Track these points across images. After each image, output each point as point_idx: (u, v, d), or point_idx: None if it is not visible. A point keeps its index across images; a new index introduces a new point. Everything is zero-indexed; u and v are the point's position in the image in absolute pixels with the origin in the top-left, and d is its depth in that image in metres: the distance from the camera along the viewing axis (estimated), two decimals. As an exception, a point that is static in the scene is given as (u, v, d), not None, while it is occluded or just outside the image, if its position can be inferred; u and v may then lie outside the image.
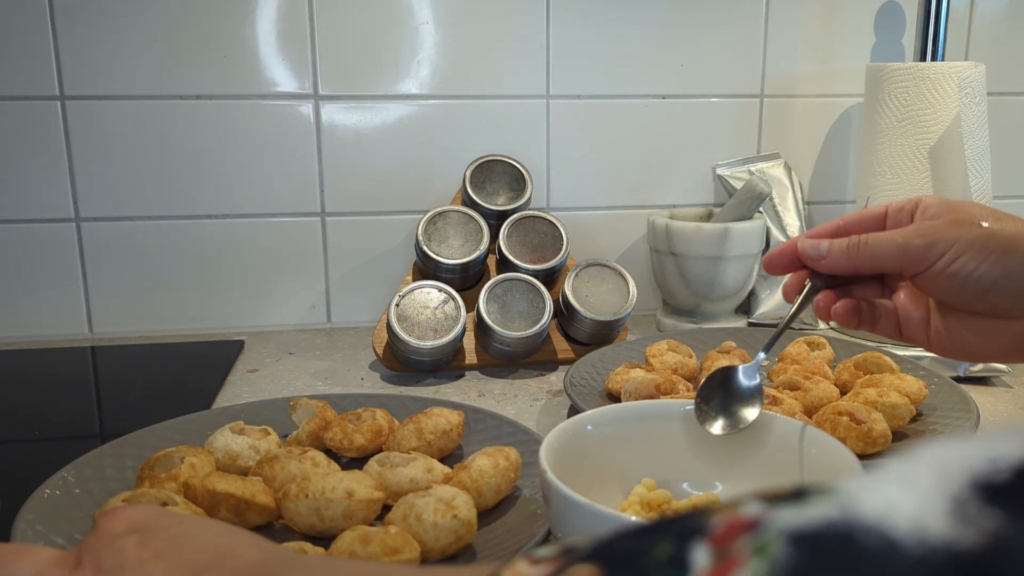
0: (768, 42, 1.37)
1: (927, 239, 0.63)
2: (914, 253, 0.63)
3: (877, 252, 0.65)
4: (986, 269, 0.62)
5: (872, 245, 0.65)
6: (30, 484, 0.72)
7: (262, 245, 1.31)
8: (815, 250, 0.68)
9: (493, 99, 1.32)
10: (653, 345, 1.06)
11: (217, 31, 1.24)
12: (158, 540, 0.47)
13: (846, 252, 0.66)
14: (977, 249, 0.62)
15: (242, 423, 0.83)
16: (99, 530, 0.49)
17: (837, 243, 0.67)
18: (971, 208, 0.65)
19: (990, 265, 0.62)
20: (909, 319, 0.70)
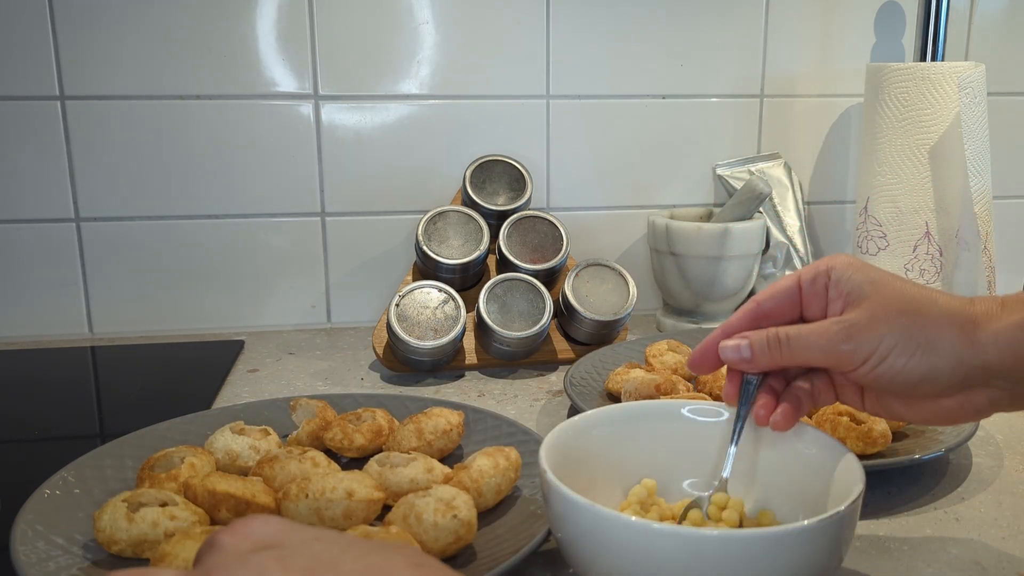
0: (768, 42, 1.37)
1: (851, 343, 0.62)
2: (839, 356, 0.63)
3: (801, 354, 0.64)
4: (913, 364, 0.61)
5: (795, 347, 0.64)
6: (30, 484, 0.72)
7: (262, 245, 1.31)
8: (737, 354, 0.66)
9: (493, 99, 1.32)
10: (653, 345, 1.06)
11: (217, 31, 1.24)
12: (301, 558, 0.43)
13: (768, 354, 0.65)
14: (902, 348, 0.61)
15: (242, 423, 0.83)
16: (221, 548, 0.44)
17: (758, 343, 0.65)
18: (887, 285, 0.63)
19: (916, 362, 0.61)
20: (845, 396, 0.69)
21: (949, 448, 0.80)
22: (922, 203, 1.24)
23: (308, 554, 0.43)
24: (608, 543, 0.55)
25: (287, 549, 0.44)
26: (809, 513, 0.65)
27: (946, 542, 0.72)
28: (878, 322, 0.62)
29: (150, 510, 0.65)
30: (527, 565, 0.67)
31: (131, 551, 0.64)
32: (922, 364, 0.61)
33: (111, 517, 0.65)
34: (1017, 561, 0.69)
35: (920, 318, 0.62)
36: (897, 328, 0.61)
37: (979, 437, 0.92)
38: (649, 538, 0.54)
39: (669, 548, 0.54)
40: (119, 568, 0.64)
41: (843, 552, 0.58)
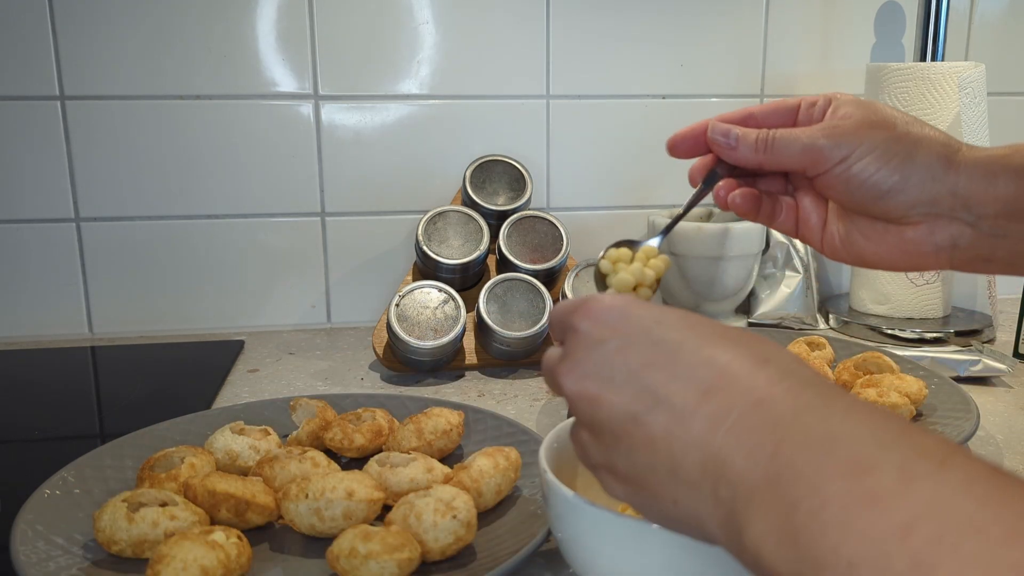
0: (768, 42, 1.37)
1: (832, 140, 0.64)
2: (817, 153, 0.64)
3: (782, 148, 0.66)
4: (885, 174, 0.63)
5: (778, 141, 0.66)
6: (30, 484, 0.72)
7: (262, 245, 1.31)
8: (724, 138, 0.69)
9: (493, 99, 1.32)
10: None
11: (217, 31, 1.24)
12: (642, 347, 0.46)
13: (753, 145, 0.67)
14: (880, 153, 0.63)
15: (242, 423, 0.83)
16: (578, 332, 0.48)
17: (745, 134, 0.68)
18: (883, 110, 0.66)
19: (890, 170, 0.63)
20: (807, 219, 0.71)
21: (949, 448, 0.80)
22: (922, 203, 1.24)
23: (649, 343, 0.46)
24: (608, 543, 0.55)
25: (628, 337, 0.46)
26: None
27: (946, 542, 0.71)
28: (862, 128, 0.64)
29: (150, 510, 0.65)
30: (527, 565, 0.67)
31: (131, 551, 0.64)
32: (896, 172, 0.63)
33: (111, 517, 0.65)
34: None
35: (904, 134, 0.64)
36: (879, 137, 0.63)
37: (979, 437, 0.92)
38: (649, 538, 0.54)
39: (669, 548, 0.54)
40: (119, 568, 0.64)
41: None
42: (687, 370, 0.43)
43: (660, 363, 0.44)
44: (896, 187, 0.63)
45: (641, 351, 0.45)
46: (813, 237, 0.71)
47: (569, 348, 0.48)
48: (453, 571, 0.65)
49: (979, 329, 1.25)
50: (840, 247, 0.69)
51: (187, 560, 0.58)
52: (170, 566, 0.58)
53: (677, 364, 0.44)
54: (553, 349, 0.51)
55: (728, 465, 0.40)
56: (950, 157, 0.64)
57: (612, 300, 0.49)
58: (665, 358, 0.44)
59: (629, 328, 0.47)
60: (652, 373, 0.44)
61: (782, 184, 0.73)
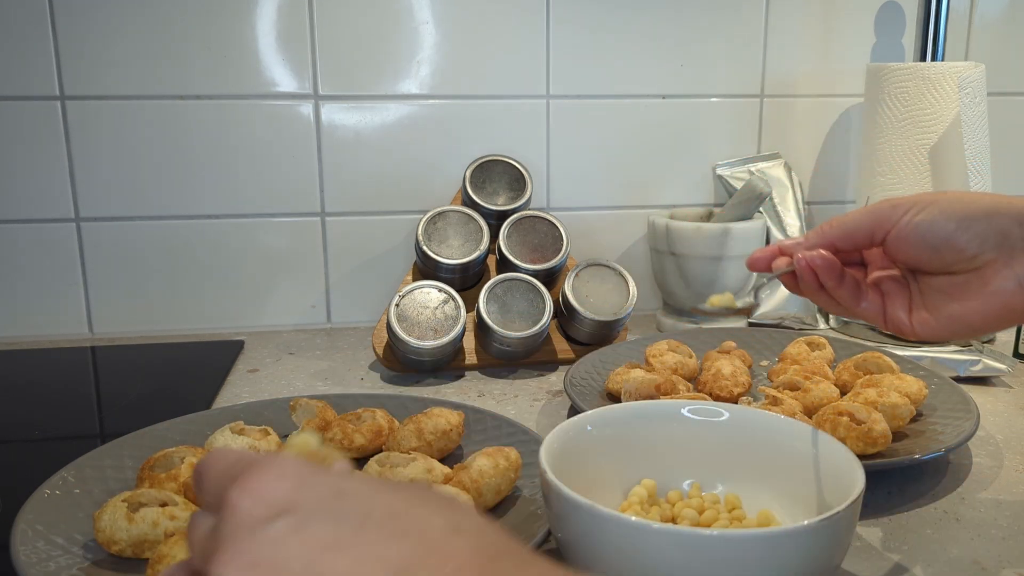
0: (768, 42, 1.37)
1: (890, 202, 0.68)
2: (881, 213, 0.68)
3: (847, 221, 0.70)
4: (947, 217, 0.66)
5: (842, 217, 0.70)
6: (30, 484, 0.73)
7: (262, 245, 1.31)
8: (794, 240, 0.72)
9: (493, 99, 1.32)
10: (653, 345, 1.06)
11: (217, 31, 1.24)
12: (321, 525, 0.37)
13: (819, 231, 0.71)
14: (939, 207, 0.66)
15: (242, 423, 0.83)
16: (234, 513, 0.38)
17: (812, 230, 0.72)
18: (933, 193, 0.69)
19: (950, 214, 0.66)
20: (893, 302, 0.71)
21: (949, 448, 0.80)
22: (922, 203, 1.24)
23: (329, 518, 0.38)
24: (608, 543, 0.55)
25: (304, 513, 0.38)
26: (809, 513, 0.65)
27: (946, 542, 0.72)
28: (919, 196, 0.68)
29: (150, 510, 0.65)
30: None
31: (131, 551, 0.64)
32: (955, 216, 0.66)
33: (111, 517, 0.65)
34: (1017, 562, 0.69)
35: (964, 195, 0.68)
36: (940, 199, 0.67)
37: (979, 437, 0.92)
38: (649, 538, 0.54)
39: (669, 548, 0.54)
40: (119, 568, 0.64)
41: (843, 552, 0.58)
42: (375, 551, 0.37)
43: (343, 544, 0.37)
44: (961, 226, 0.65)
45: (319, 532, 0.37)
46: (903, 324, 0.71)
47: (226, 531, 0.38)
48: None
49: (979, 329, 1.25)
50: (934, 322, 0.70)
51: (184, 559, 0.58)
52: (169, 565, 0.58)
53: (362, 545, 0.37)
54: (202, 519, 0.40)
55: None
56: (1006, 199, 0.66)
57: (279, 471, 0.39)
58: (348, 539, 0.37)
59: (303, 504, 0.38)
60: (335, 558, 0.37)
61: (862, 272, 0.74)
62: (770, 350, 1.13)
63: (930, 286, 0.69)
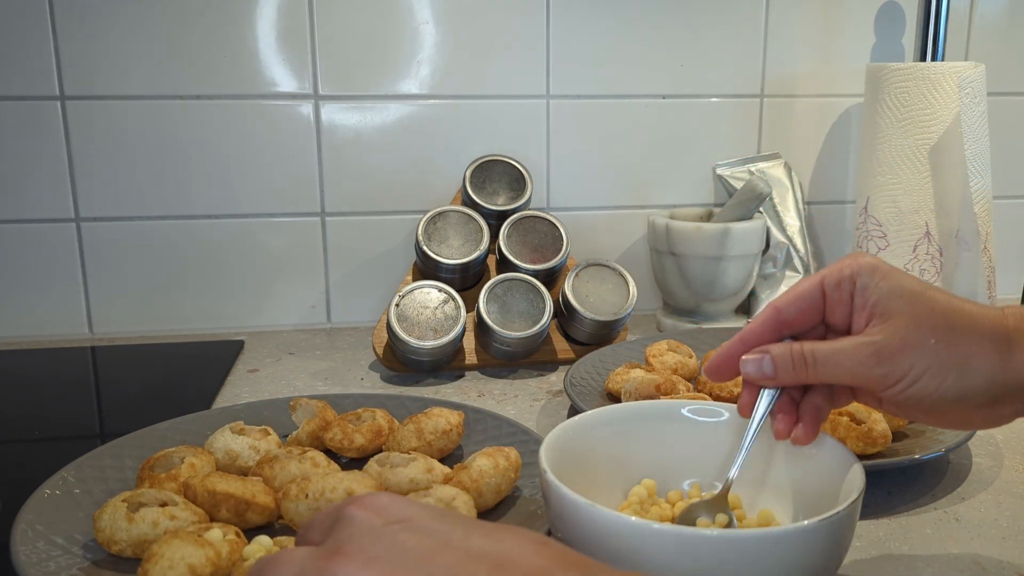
0: (768, 42, 1.37)
1: (881, 366, 0.60)
2: (867, 379, 0.60)
3: (828, 372, 0.62)
4: (945, 388, 0.59)
5: (821, 367, 0.62)
6: (30, 484, 0.72)
7: (262, 245, 1.31)
8: (759, 370, 0.64)
9: (493, 99, 1.32)
10: (653, 345, 1.06)
11: (217, 31, 1.24)
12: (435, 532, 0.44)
13: (792, 372, 0.62)
14: (935, 371, 0.59)
15: (242, 423, 0.83)
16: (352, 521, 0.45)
17: (780, 359, 0.63)
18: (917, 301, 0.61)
19: (949, 385, 0.59)
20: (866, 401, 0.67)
21: (949, 448, 0.80)
22: (922, 203, 1.24)
23: (440, 529, 0.44)
24: (608, 543, 0.55)
25: (417, 522, 0.45)
26: (809, 513, 0.65)
27: (946, 542, 0.72)
28: (911, 345, 0.59)
29: (150, 510, 0.65)
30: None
31: (131, 551, 0.64)
32: (955, 387, 0.59)
33: (111, 517, 0.65)
34: (1017, 562, 0.69)
35: (955, 337, 0.59)
36: (931, 351, 0.59)
37: (979, 437, 0.92)
38: (649, 538, 0.54)
39: (669, 548, 0.54)
40: (119, 568, 0.64)
41: (843, 552, 0.58)
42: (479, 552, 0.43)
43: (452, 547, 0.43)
44: (959, 398, 0.60)
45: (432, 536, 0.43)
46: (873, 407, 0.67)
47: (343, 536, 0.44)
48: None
49: (979, 329, 1.25)
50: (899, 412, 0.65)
51: (174, 559, 0.58)
52: (158, 565, 0.58)
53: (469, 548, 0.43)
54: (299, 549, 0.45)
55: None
56: (1006, 355, 0.60)
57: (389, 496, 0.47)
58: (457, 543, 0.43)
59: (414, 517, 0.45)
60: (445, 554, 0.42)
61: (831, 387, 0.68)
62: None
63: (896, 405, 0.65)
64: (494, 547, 0.43)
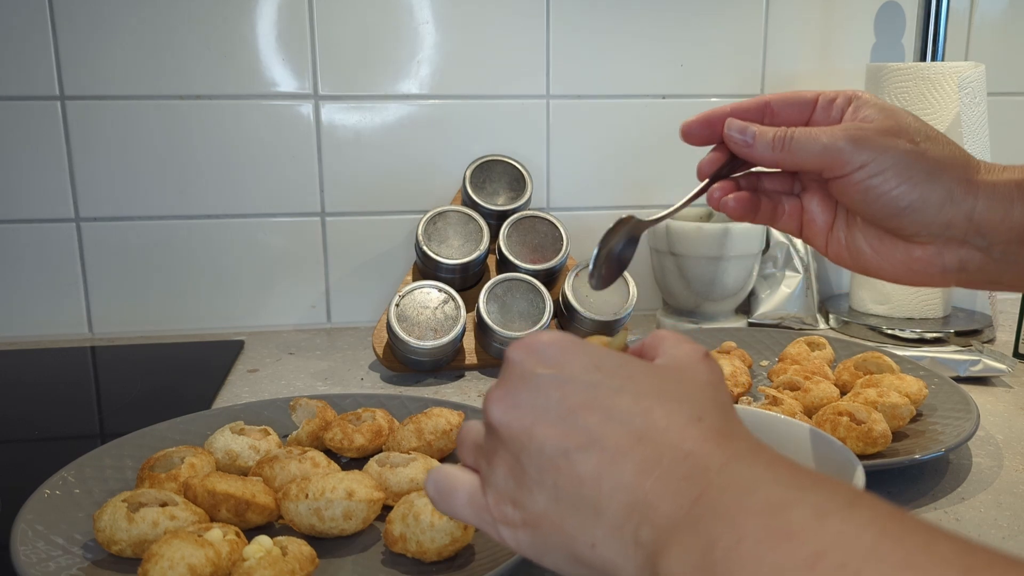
0: (768, 42, 1.37)
1: (854, 144, 0.61)
2: (837, 156, 0.62)
3: (800, 148, 0.63)
4: (904, 190, 0.61)
5: (797, 141, 0.63)
6: (30, 484, 0.72)
7: (262, 245, 1.31)
8: (741, 135, 0.66)
9: (493, 99, 1.32)
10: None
11: (217, 31, 1.24)
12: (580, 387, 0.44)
13: (770, 144, 0.64)
14: (902, 168, 0.61)
15: (242, 423, 0.83)
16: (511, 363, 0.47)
17: (763, 132, 0.65)
18: (906, 118, 0.63)
19: (909, 187, 0.61)
20: (812, 222, 0.69)
21: (949, 448, 0.80)
22: (922, 203, 1.24)
23: (587, 383, 0.44)
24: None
25: (567, 374, 0.45)
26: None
27: (946, 542, 0.71)
28: (885, 136, 0.61)
29: (150, 510, 0.65)
30: (527, 565, 0.66)
31: (131, 551, 0.64)
32: (914, 190, 0.61)
33: (111, 517, 0.65)
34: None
35: (925, 151, 0.62)
36: (902, 149, 0.61)
37: (979, 437, 0.92)
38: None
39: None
40: (119, 568, 0.64)
41: None
42: (622, 415, 0.43)
43: (596, 405, 0.43)
44: (913, 206, 0.61)
45: (578, 390, 0.44)
46: (817, 240, 0.69)
47: (503, 378, 0.47)
48: (452, 572, 0.65)
49: (979, 329, 1.25)
50: (845, 254, 0.68)
51: (174, 558, 0.58)
52: (158, 565, 0.58)
53: (613, 408, 0.43)
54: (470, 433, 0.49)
55: (654, 509, 0.41)
56: (970, 179, 0.62)
57: (552, 336, 0.47)
58: (602, 401, 0.43)
59: (567, 366, 0.46)
60: (587, 413, 0.43)
61: (789, 183, 0.70)
62: (770, 350, 1.13)
63: (855, 225, 0.67)
64: (641, 416, 0.43)
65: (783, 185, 0.70)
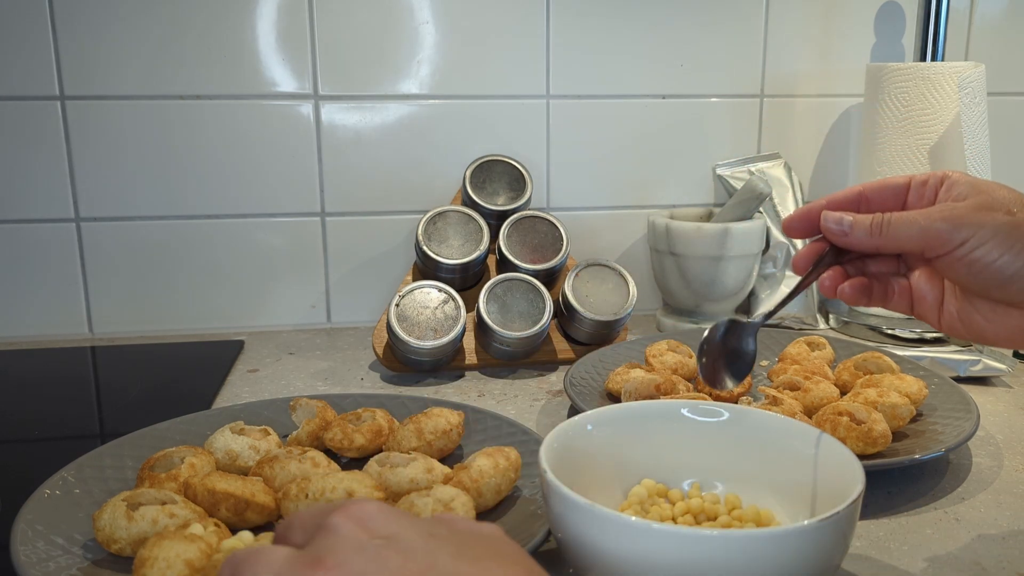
0: (768, 42, 1.37)
1: (951, 223, 0.62)
2: (936, 236, 0.63)
3: (899, 234, 0.64)
4: (1008, 259, 0.62)
5: (895, 226, 0.64)
6: (30, 484, 0.72)
7: (262, 245, 1.31)
8: (838, 225, 0.67)
9: (493, 99, 1.32)
10: (653, 345, 1.06)
11: (217, 31, 1.24)
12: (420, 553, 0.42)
13: (868, 231, 0.65)
14: (1002, 238, 0.61)
15: (242, 423, 0.83)
16: (336, 532, 0.43)
17: (860, 220, 0.66)
18: (998, 191, 0.64)
19: (1013, 256, 0.61)
20: (923, 299, 0.70)
21: (949, 448, 0.80)
22: (922, 203, 1.24)
23: (426, 550, 0.43)
24: (608, 543, 0.55)
25: (405, 542, 0.43)
26: (809, 513, 0.65)
27: (946, 542, 0.72)
28: (981, 211, 0.62)
29: (150, 508, 0.65)
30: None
31: (130, 550, 0.64)
32: (1018, 259, 0.62)
33: (111, 516, 0.65)
34: (1017, 561, 0.69)
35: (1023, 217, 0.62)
36: (1000, 221, 0.62)
37: (979, 437, 0.92)
38: (649, 538, 0.54)
39: (669, 548, 0.54)
40: (119, 568, 0.64)
41: (843, 552, 0.58)
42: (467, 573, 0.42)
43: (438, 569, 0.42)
44: (1019, 273, 0.62)
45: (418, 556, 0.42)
46: (930, 316, 0.70)
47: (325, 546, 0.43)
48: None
49: (979, 329, 1.25)
50: (959, 326, 0.68)
51: (170, 557, 0.58)
52: (154, 567, 0.57)
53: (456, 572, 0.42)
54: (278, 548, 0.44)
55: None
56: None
57: (375, 505, 0.45)
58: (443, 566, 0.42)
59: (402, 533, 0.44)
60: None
61: (895, 265, 0.71)
62: (770, 350, 1.13)
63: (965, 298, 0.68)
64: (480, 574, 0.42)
65: (889, 267, 0.72)
